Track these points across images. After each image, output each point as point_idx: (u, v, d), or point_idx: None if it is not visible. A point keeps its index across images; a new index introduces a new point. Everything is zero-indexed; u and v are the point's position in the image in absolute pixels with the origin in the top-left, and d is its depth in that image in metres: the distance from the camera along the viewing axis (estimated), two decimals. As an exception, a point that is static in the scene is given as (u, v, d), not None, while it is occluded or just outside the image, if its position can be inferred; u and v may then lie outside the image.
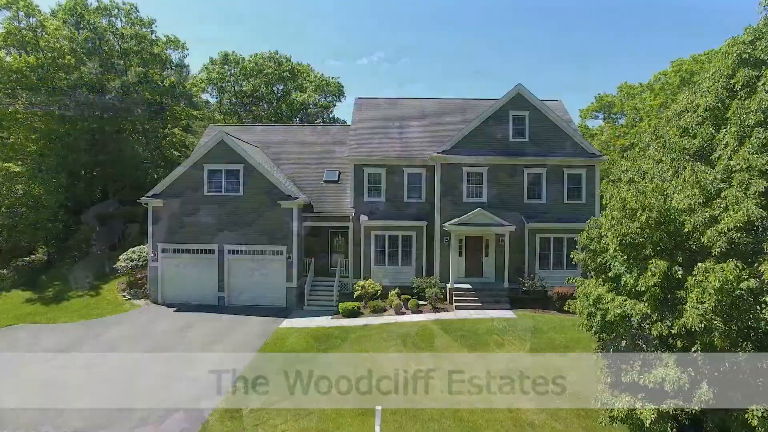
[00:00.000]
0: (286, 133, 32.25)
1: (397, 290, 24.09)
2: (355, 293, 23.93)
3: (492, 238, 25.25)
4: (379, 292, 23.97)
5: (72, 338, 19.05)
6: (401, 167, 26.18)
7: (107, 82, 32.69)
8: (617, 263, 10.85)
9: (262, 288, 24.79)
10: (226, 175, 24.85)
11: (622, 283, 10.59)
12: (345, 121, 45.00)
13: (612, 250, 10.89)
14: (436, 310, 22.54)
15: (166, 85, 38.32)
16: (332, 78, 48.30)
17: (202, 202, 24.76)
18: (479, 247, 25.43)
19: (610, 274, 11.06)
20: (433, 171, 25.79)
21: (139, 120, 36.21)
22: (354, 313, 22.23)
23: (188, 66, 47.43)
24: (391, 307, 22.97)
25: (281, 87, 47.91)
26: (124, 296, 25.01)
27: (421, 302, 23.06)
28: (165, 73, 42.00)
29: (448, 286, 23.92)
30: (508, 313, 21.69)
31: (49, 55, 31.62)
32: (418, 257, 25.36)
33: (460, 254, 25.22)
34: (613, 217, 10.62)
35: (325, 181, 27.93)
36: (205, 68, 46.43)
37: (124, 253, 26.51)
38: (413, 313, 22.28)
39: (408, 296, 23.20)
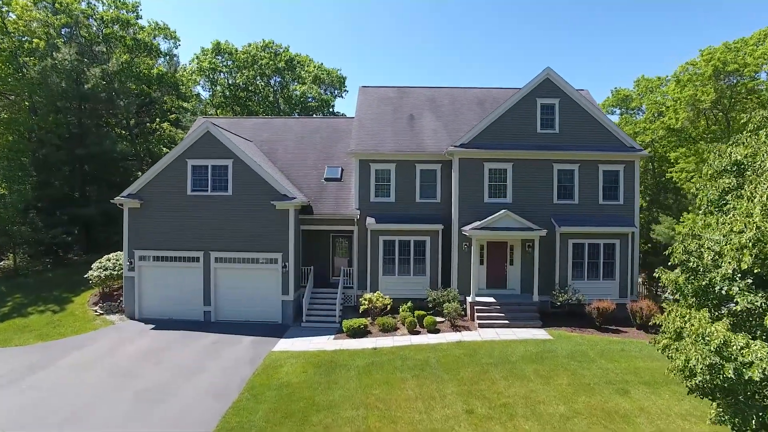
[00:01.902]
0: (283, 126, 29.04)
1: (409, 304, 20.91)
2: (361, 307, 20.76)
3: (517, 244, 22.10)
4: (389, 306, 20.80)
5: (16, 367, 15.78)
6: (413, 163, 23.01)
7: (86, 69, 29.44)
8: (742, 291, 7.63)
9: (254, 301, 21.61)
10: (212, 171, 21.67)
11: (752, 320, 7.41)
12: (347, 116, 41.78)
13: (731, 270, 7.70)
14: (456, 328, 19.35)
15: (154, 75, 35.06)
16: (333, 69, 45.04)
17: (186, 203, 21.59)
18: (502, 255, 22.25)
19: (736, 308, 7.81)
20: (450, 167, 22.63)
21: (122, 113, 32.98)
22: (360, 332, 19.05)
23: (178, 56, 44.27)
24: (403, 324, 19.79)
25: (278, 80, 44.69)
26: (96, 311, 21.79)
27: (438, 319, 19.88)
28: (152, 62, 38.80)
29: (469, 299, 20.74)
30: (541, 333, 18.52)
31: (17, 38, 28.35)
32: (433, 266, 22.17)
33: (481, 262, 22.03)
34: (743, 225, 7.38)
35: (326, 179, 24.75)
36: (196, 58, 43.13)
37: (98, 261, 23.30)
38: (430, 332, 19.09)
39: (422, 312, 20.00)
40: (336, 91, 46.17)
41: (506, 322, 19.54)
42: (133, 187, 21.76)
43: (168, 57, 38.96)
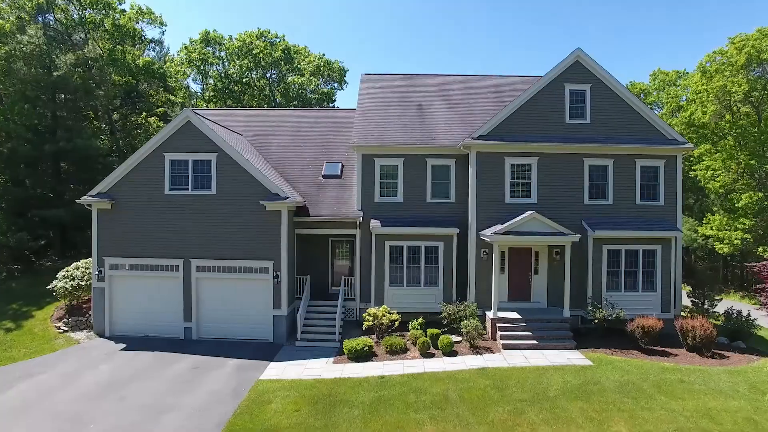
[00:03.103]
0: (277, 118, 26.25)
1: (420, 320, 18.14)
2: (365, 323, 17.97)
3: (543, 250, 19.32)
4: (397, 322, 18.01)
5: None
6: (423, 158, 20.22)
7: (57, 55, 26.57)
8: None
9: (242, 316, 18.84)
10: (194, 167, 18.89)
11: None
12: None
13: None
14: (476, 350, 16.55)
15: (138, 65, 32.23)
16: (334, 60, 42.19)
17: (163, 203, 18.81)
18: (526, 263, 19.46)
19: None
20: (466, 163, 19.85)
21: (102, 105, 30.16)
22: (364, 355, 16.26)
23: (168, 48, 41.42)
24: (414, 345, 17.01)
25: (275, 73, 41.86)
26: (59, 328, 18.98)
27: (454, 338, 17.09)
28: (139, 52, 35.99)
29: (489, 315, 17.94)
30: (577, 357, 15.75)
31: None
32: (447, 275, 19.38)
33: (502, 271, 19.24)
34: None
35: (325, 177, 21.95)
36: (185, 48, 40.24)
37: (64, 270, 20.49)
38: (445, 355, 16.30)
39: (436, 330, 17.20)
40: (336, 85, 43.32)
41: (534, 342, 16.75)
42: (102, 186, 18.96)
43: (154, 45, 36.17)
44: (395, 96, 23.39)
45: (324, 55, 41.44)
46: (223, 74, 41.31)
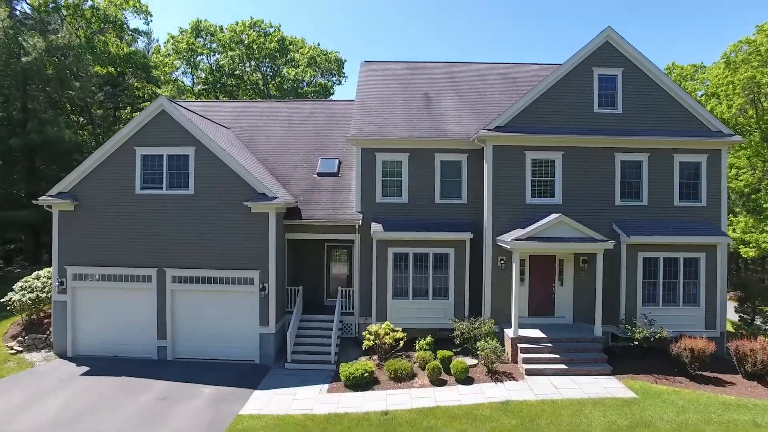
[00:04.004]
0: (267, 111, 23.85)
1: (428, 339, 15.72)
2: (365, 343, 15.57)
3: (568, 258, 16.93)
4: (402, 341, 15.59)
5: None
6: (431, 152, 17.83)
7: (25, 40, 24.11)
8: None
9: (224, 334, 16.44)
10: (169, 162, 16.49)
11: None
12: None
13: None
14: (494, 376, 14.14)
15: (120, 54, 29.81)
16: (331, 51, 39.74)
17: (134, 205, 16.42)
18: (549, 273, 17.06)
19: None
20: (480, 158, 17.48)
21: (79, 96, 27.74)
22: (364, 383, 13.87)
23: (156, 39, 39.04)
24: (422, 369, 14.61)
25: (269, 65, 39.45)
26: (12, 348, 16.54)
27: (469, 361, 14.71)
28: (123, 44, 33.57)
29: (509, 333, 15.52)
30: (616, 386, 13.34)
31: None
32: (459, 287, 16.98)
33: (522, 282, 16.82)
34: None
35: (320, 174, 19.55)
36: (171, 38, 37.78)
37: (23, 280, 18.06)
38: (460, 382, 13.89)
39: (448, 352, 14.78)
40: (335, 79, 40.90)
41: (563, 366, 14.33)
42: (63, 184, 16.54)
43: (141, 37, 33.67)
44: (398, 84, 20.99)
45: (319, 45, 39.04)
46: (214, 67, 38.88)
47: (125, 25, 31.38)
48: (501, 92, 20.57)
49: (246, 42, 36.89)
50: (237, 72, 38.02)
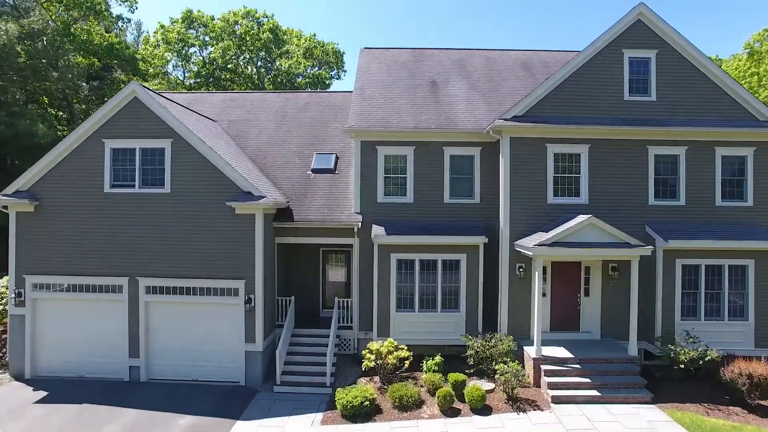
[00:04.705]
0: (259, 102, 21.89)
1: (437, 358, 13.74)
2: (365, 362, 13.59)
3: (595, 265, 14.93)
4: (408, 362, 13.60)
5: None
6: (439, 146, 15.85)
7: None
8: None
9: (205, 352, 14.48)
10: (142, 157, 14.53)
11: None
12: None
13: None
14: (516, 404, 12.14)
15: (102, 44, 27.82)
16: (328, 42, 37.72)
17: (103, 205, 14.46)
18: (574, 282, 15.07)
19: None
20: (494, 152, 15.51)
21: (57, 88, 25.77)
22: (363, 412, 11.90)
23: (146, 31, 37.05)
24: (431, 395, 12.63)
25: (264, 58, 37.46)
26: (-38, 369, 14.59)
27: (485, 385, 12.73)
28: (109, 35, 31.60)
29: (529, 352, 13.50)
30: (660, 418, 11.34)
31: None
32: (471, 298, 15.00)
33: (543, 292, 14.81)
34: None
35: (315, 171, 17.58)
36: (161, 27, 35.79)
37: (-21, 290, 16.11)
38: (475, 412, 11.89)
39: (461, 376, 12.78)
40: (333, 72, 38.90)
41: (595, 393, 12.31)
42: (21, 182, 14.56)
43: (122, 22, 31.64)
44: (402, 72, 19.02)
45: (315, 36, 37.03)
46: (206, 60, 36.89)
47: (107, 12, 29.27)
48: (516, 80, 18.59)
49: (238, 32, 34.90)
50: (230, 66, 36.04)
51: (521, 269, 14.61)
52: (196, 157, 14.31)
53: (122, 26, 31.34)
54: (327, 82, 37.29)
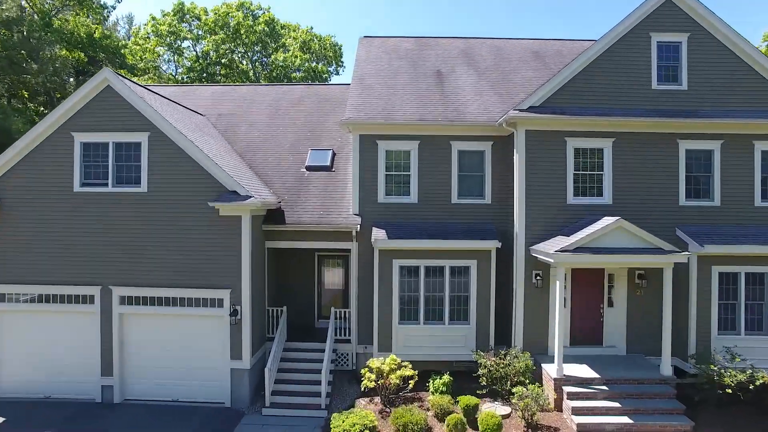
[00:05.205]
0: (251, 95, 20.43)
1: (444, 378, 12.28)
2: (364, 382, 12.12)
3: (621, 273, 13.44)
4: (413, 382, 12.12)
5: None
6: (446, 140, 14.37)
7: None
8: None
9: (187, 369, 13.01)
10: (116, 152, 13.05)
11: None
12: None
13: None
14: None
15: (83, 35, 26.31)
16: (326, 35, 36.25)
17: (72, 206, 12.99)
18: (596, 291, 13.57)
19: None
20: (507, 146, 14.06)
21: (39, 83, 24.29)
22: (363, 443, 10.39)
23: (139, 26, 35.58)
24: (440, 422, 11.15)
25: (259, 53, 36.00)
26: None
27: (499, 410, 11.25)
28: (100, 26, 30.16)
29: (549, 371, 12.00)
30: (705, 450, 9.84)
31: None
32: (482, 309, 13.51)
33: (564, 304, 13.29)
34: None
35: (309, 168, 16.10)
36: (153, 20, 34.31)
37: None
38: (491, 443, 10.38)
39: (473, 399, 11.32)
40: (331, 68, 37.48)
41: (626, 420, 10.81)
42: (-21, 179, 13.08)
43: (105, 10, 30.04)
44: (405, 61, 17.54)
45: (312, 28, 35.52)
46: (200, 54, 35.40)
47: (91, 3, 27.74)
48: (529, 70, 17.10)
49: (232, 25, 33.41)
50: (224, 60, 34.55)
51: (539, 277, 13.11)
52: (176, 153, 12.82)
53: (112, 20, 29.94)
54: (324, 77, 35.87)
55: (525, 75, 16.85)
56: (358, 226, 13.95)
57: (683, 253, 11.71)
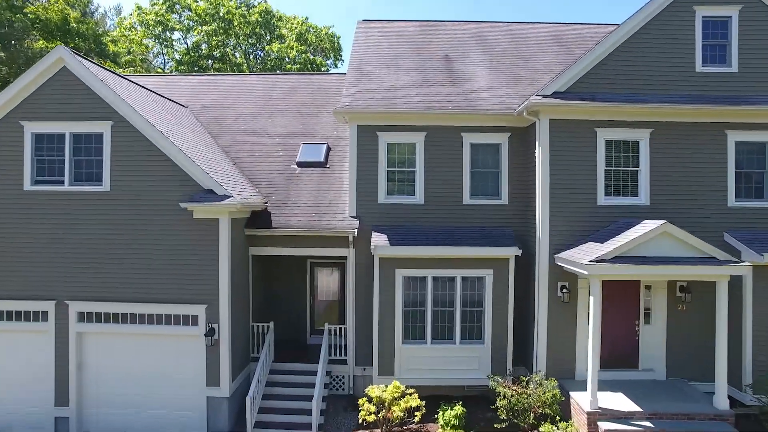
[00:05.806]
0: (238, 86, 18.63)
1: (457, 408, 10.41)
2: (362, 414, 10.31)
3: (659, 285, 11.59)
4: (419, 413, 10.30)
5: None
6: (457, 131, 12.53)
7: None
8: None
9: (156, 397, 11.18)
10: (74, 146, 11.24)
11: None
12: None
13: None
14: (571, 484, 8.80)
15: (56, 20, 24.45)
16: (323, 27, 34.42)
17: (21, 207, 11.18)
18: (629, 305, 11.72)
19: None
20: (526, 139, 12.25)
21: (11, 75, 22.46)
22: (360, 496, 8.54)
23: (123, 15, 33.79)
24: (452, 468, 9.28)
25: (253, 44, 34.17)
26: None
27: (524, 453, 9.42)
28: (82, 15, 28.35)
29: (580, 401, 10.15)
30: None
31: None
32: (499, 326, 11.67)
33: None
34: None
35: (301, 164, 14.26)
36: (139, 9, 32.47)
37: None
38: (516, 496, 8.53)
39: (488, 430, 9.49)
40: (329, 61, 35.62)
41: (678, 466, 8.96)
42: None
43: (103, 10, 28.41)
44: (409, 46, 15.71)
45: (308, 19, 33.64)
46: (190, 47, 33.57)
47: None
48: (550, 55, 15.26)
49: (223, 13, 31.58)
50: (217, 53, 32.74)
51: (565, 290, 11.27)
52: (144, 146, 11.01)
53: (100, 12, 28.09)
54: (323, 70, 34.05)
55: (545, 60, 15.00)
56: (356, 230, 12.12)
57: (743, 264, 9.85)
